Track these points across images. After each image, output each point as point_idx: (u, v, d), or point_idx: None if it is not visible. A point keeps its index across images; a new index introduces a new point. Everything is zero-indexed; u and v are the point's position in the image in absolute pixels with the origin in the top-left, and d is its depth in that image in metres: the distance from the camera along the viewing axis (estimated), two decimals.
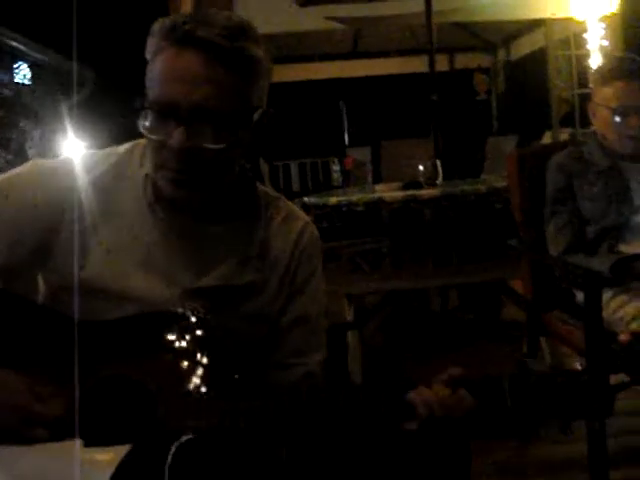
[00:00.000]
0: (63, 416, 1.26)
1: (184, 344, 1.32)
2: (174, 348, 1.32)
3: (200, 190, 1.35)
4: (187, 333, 1.33)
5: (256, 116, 1.38)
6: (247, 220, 1.46)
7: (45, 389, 1.28)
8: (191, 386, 1.29)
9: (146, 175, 1.40)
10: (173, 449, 1.21)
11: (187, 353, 1.32)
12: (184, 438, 1.23)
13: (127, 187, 1.41)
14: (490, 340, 4.50)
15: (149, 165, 1.38)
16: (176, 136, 1.28)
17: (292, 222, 1.53)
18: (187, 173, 1.32)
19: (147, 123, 1.32)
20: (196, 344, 1.32)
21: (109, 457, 1.20)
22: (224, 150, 1.32)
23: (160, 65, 1.31)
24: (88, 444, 1.24)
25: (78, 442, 1.23)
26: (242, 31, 1.32)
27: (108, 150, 1.48)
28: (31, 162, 1.46)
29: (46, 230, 1.38)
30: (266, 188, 1.56)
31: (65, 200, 1.38)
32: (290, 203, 1.58)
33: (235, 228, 1.45)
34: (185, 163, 1.31)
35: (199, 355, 1.32)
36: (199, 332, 1.33)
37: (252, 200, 1.48)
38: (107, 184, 1.41)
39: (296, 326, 1.50)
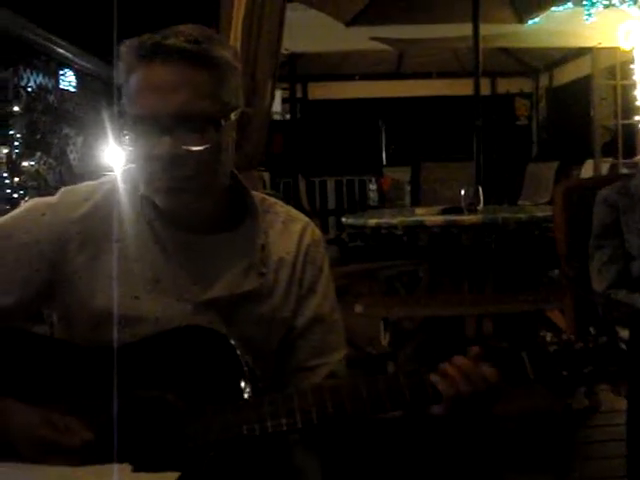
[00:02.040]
0: (90, 443, 1.27)
1: (205, 358, 1.32)
2: (195, 363, 1.32)
3: (193, 195, 1.36)
4: (208, 347, 1.33)
5: (234, 116, 1.38)
6: (246, 227, 1.47)
7: (63, 419, 1.29)
8: (216, 400, 1.28)
9: (141, 196, 1.41)
10: (205, 462, 1.23)
11: (210, 367, 1.32)
12: (216, 454, 1.24)
13: (125, 211, 1.42)
14: None
15: (142, 185, 1.39)
16: (161, 145, 1.30)
17: (292, 225, 1.53)
18: (178, 181, 1.33)
19: (130, 141, 1.34)
20: (217, 357, 1.32)
21: None
22: (210, 151, 1.33)
23: (134, 82, 1.34)
24: (137, 469, 1.24)
25: (116, 466, 1.24)
26: (205, 36, 1.35)
27: (103, 178, 1.50)
28: (29, 202, 1.48)
29: (52, 264, 1.39)
30: (262, 195, 1.57)
31: (67, 232, 1.40)
32: (289, 207, 1.59)
33: (234, 236, 1.46)
34: (174, 171, 1.32)
35: (221, 368, 1.32)
36: (219, 345, 1.33)
37: (249, 207, 1.48)
38: (105, 211, 1.43)
39: (312, 327, 1.50)
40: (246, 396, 1.29)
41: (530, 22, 7.16)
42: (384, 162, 11.27)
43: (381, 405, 1.27)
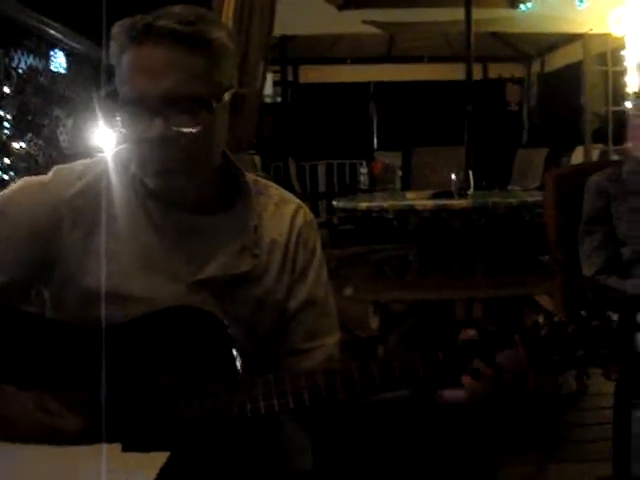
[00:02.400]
0: (85, 425, 1.27)
1: (197, 338, 1.33)
2: (187, 343, 1.32)
3: (185, 177, 1.36)
4: (200, 327, 1.33)
5: (227, 96, 1.38)
6: (239, 209, 1.47)
7: (57, 403, 1.29)
8: (209, 379, 1.29)
9: (133, 175, 1.41)
10: (195, 443, 1.23)
11: (202, 347, 1.32)
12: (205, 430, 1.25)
13: (118, 190, 1.42)
14: None
15: (133, 166, 1.40)
16: (153, 127, 1.30)
17: (285, 206, 1.53)
18: (169, 162, 1.33)
19: (122, 123, 1.34)
20: (209, 337, 1.33)
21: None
22: (202, 133, 1.33)
23: (125, 64, 1.33)
24: (126, 448, 1.25)
25: (105, 446, 1.25)
26: (199, 16, 1.33)
27: (96, 158, 1.50)
28: (21, 180, 1.47)
29: (45, 242, 1.39)
30: (255, 176, 1.57)
31: (60, 210, 1.40)
32: (282, 189, 1.58)
33: (228, 217, 1.46)
34: (166, 153, 1.32)
35: (213, 349, 1.32)
36: (211, 325, 1.33)
37: (242, 189, 1.48)
38: (98, 190, 1.42)
39: (305, 309, 1.50)
40: (238, 377, 1.29)
41: (522, 7, 7.16)
42: (375, 146, 11.26)
43: (373, 386, 1.28)
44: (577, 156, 8.11)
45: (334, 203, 4.98)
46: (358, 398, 1.29)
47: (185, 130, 1.30)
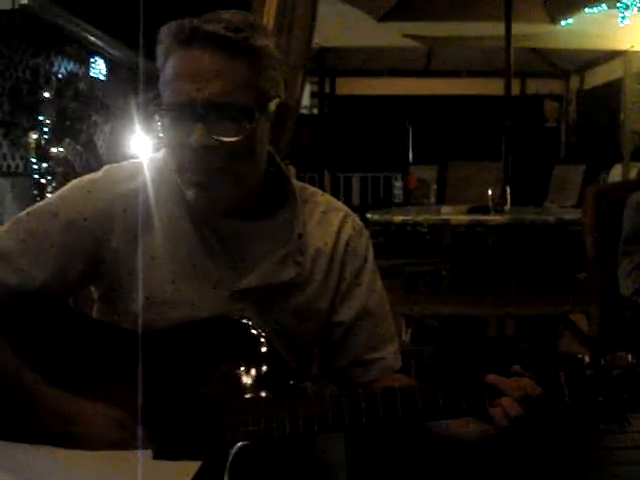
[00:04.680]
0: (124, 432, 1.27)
1: (240, 350, 1.32)
2: (230, 354, 1.32)
3: (224, 190, 1.34)
4: (242, 339, 1.33)
5: (272, 106, 1.36)
6: (284, 216, 1.45)
7: (126, 419, 1.28)
8: (248, 393, 1.28)
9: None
10: (231, 456, 1.21)
11: (243, 359, 1.31)
12: (240, 444, 1.23)
13: (167, 193, 1.41)
14: None
15: (174, 174, 1.38)
16: (194, 134, 1.27)
17: (332, 214, 1.50)
18: (208, 173, 1.31)
19: (164, 128, 1.32)
20: (251, 349, 1.32)
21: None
22: (244, 142, 1.30)
23: (171, 67, 1.31)
24: (157, 456, 1.24)
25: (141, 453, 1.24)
26: (247, 23, 1.31)
27: (145, 159, 1.48)
28: (73, 181, 1.46)
29: (97, 241, 1.38)
30: (302, 184, 1.54)
31: (112, 208, 1.39)
32: (329, 197, 1.55)
33: (272, 224, 1.44)
34: (206, 162, 1.29)
35: (255, 361, 1.31)
36: (253, 337, 1.33)
37: (288, 195, 1.46)
38: (149, 191, 1.41)
39: (360, 321, 1.47)
40: (278, 390, 1.28)
41: (563, 23, 7.10)
42: (410, 160, 11.24)
43: (437, 414, 1.26)
44: (615, 174, 8.04)
45: (368, 216, 4.96)
46: (415, 423, 1.28)
47: (225, 139, 1.28)
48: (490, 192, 4.44)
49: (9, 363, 1.30)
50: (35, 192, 5.80)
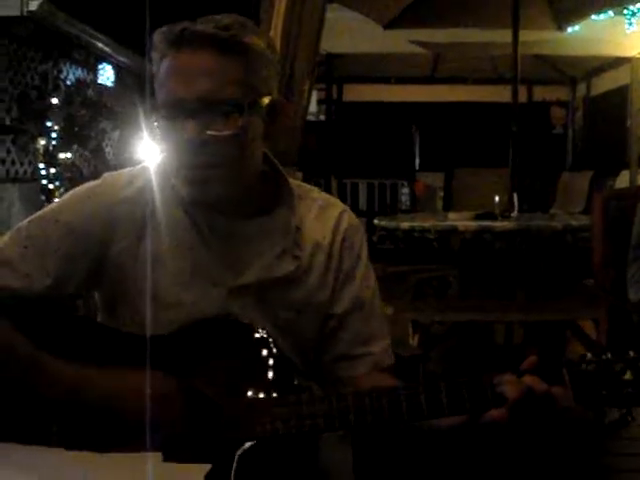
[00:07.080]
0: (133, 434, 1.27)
1: (243, 351, 1.33)
2: (234, 356, 1.32)
3: (219, 186, 1.36)
4: (245, 340, 1.33)
5: (264, 103, 1.37)
6: (281, 212, 1.46)
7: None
8: (253, 393, 1.28)
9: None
10: (237, 458, 1.22)
11: (247, 360, 1.32)
12: (247, 445, 1.23)
13: (165, 196, 1.43)
14: None
15: (171, 174, 1.40)
16: (187, 130, 1.30)
17: (329, 209, 1.52)
18: (203, 169, 1.33)
19: (160, 129, 1.35)
20: (255, 350, 1.32)
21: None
22: (237, 137, 1.32)
23: (163, 69, 1.34)
24: (167, 458, 1.24)
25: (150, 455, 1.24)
26: (237, 22, 1.34)
27: (142, 165, 1.50)
28: (74, 189, 1.48)
29: (99, 245, 1.40)
30: (299, 181, 1.56)
31: (113, 212, 1.41)
32: (325, 193, 1.57)
33: (269, 221, 1.45)
34: (201, 157, 1.32)
35: (259, 361, 1.32)
36: (256, 338, 1.33)
37: (284, 192, 1.47)
38: (147, 195, 1.43)
39: (352, 313, 1.48)
40: (281, 391, 1.28)
41: (569, 30, 7.11)
42: (417, 166, 11.24)
43: (440, 411, 1.24)
44: (622, 180, 8.03)
45: (375, 222, 4.97)
46: (418, 421, 1.27)
47: (218, 133, 1.31)
48: (497, 199, 4.45)
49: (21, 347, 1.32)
50: (43, 198, 5.81)
